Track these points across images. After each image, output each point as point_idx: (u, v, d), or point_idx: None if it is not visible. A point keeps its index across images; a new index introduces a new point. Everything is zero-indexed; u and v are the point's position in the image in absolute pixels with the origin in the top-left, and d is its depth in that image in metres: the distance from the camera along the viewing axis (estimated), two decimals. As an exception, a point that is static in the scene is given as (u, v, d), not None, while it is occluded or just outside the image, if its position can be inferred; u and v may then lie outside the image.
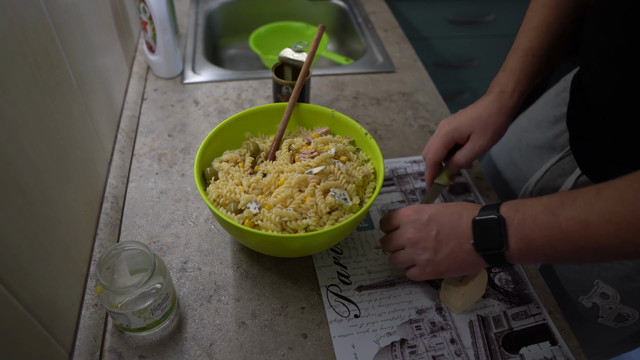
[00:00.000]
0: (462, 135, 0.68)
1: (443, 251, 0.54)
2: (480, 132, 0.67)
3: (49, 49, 0.57)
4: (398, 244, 0.58)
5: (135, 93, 0.94)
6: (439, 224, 0.54)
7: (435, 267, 0.55)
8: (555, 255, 0.47)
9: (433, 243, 0.54)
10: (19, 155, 0.47)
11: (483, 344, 0.59)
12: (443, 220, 0.54)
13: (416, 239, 0.56)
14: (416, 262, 0.57)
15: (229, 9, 1.32)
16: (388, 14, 1.29)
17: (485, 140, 0.67)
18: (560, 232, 0.45)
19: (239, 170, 0.66)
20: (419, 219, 0.56)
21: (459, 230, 0.53)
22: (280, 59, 0.79)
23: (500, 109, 0.67)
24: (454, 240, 0.53)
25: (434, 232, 0.54)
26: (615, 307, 0.68)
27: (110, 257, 0.55)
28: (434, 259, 0.55)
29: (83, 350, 0.53)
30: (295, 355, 0.57)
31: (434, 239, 0.54)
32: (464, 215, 0.53)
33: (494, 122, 0.67)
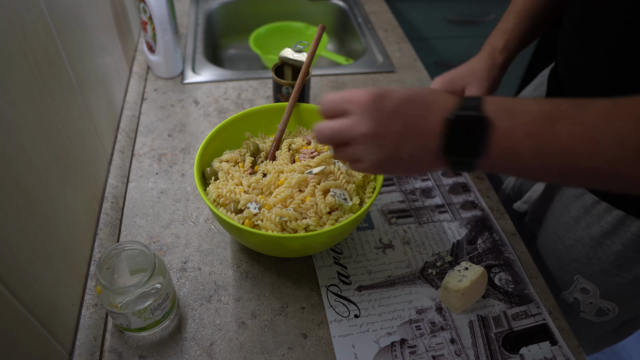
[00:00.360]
0: (456, 88, 0.67)
1: (403, 152, 0.43)
2: (475, 84, 0.66)
3: (49, 49, 0.57)
4: (345, 138, 0.44)
5: (135, 93, 0.94)
6: (404, 118, 0.42)
7: (388, 168, 0.45)
8: (535, 172, 0.41)
9: (393, 141, 0.43)
10: (19, 155, 0.47)
11: (483, 344, 0.59)
12: (411, 114, 0.42)
13: (373, 134, 0.43)
14: (365, 160, 0.45)
15: (229, 9, 1.32)
16: (388, 14, 1.29)
17: (481, 92, 0.65)
18: (554, 147, 0.38)
19: (239, 170, 0.66)
20: (381, 109, 0.43)
21: (426, 126, 0.42)
22: (280, 59, 0.79)
23: (492, 65, 0.68)
24: (419, 140, 0.42)
25: (397, 128, 0.42)
26: (596, 301, 0.69)
27: (110, 257, 0.55)
28: (390, 159, 0.44)
29: (83, 350, 0.53)
30: (295, 355, 0.57)
31: (396, 136, 0.42)
32: (435, 107, 0.42)
33: (487, 75, 0.67)
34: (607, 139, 0.36)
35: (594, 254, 0.66)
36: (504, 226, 0.74)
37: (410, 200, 0.77)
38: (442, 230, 0.73)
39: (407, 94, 0.43)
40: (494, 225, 0.74)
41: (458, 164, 0.42)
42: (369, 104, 0.43)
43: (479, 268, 0.61)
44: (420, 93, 0.43)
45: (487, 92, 0.67)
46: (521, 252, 0.70)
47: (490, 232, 0.73)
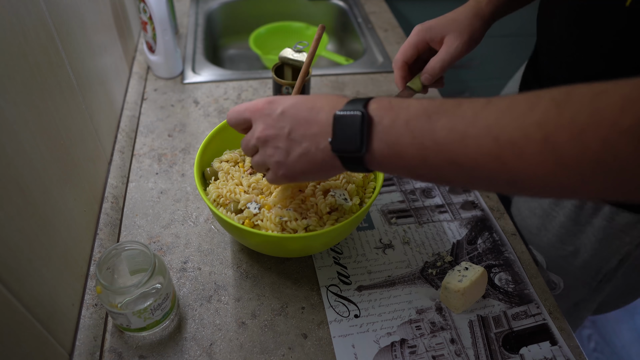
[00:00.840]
0: (435, 36, 0.64)
1: (296, 151, 0.45)
2: (455, 33, 0.63)
3: (49, 49, 0.57)
4: (250, 144, 0.49)
5: (135, 93, 0.94)
6: (293, 119, 0.45)
7: (289, 170, 0.47)
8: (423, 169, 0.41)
9: (285, 142, 0.45)
10: (19, 155, 0.47)
11: (483, 344, 0.59)
12: (299, 115, 0.45)
13: (266, 136, 0.46)
14: (268, 164, 0.48)
15: (229, 9, 1.32)
16: (388, 14, 1.29)
17: (460, 43, 0.62)
18: (434, 142, 0.38)
19: (239, 170, 0.66)
20: (271, 113, 0.46)
21: (315, 126, 0.44)
22: (280, 59, 0.79)
23: (476, 13, 0.64)
24: (310, 139, 0.44)
25: (286, 129, 0.45)
26: (543, 273, 0.70)
27: (110, 257, 0.55)
28: (286, 160, 0.46)
29: (83, 350, 0.53)
30: (295, 355, 0.57)
31: (287, 137, 0.45)
32: (324, 109, 0.44)
33: (469, 24, 0.63)
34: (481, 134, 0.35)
35: (542, 224, 0.66)
36: (504, 226, 0.74)
37: (410, 200, 0.77)
38: (442, 230, 0.73)
39: (295, 98, 0.46)
40: (494, 225, 0.74)
41: (349, 161, 0.43)
42: (262, 110, 0.47)
43: (479, 268, 0.61)
44: (312, 97, 0.46)
45: (467, 44, 0.63)
46: (521, 252, 0.70)
47: (490, 232, 0.73)
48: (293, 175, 0.48)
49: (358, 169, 0.44)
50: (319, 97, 0.46)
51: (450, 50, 0.62)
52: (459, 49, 0.62)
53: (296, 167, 0.46)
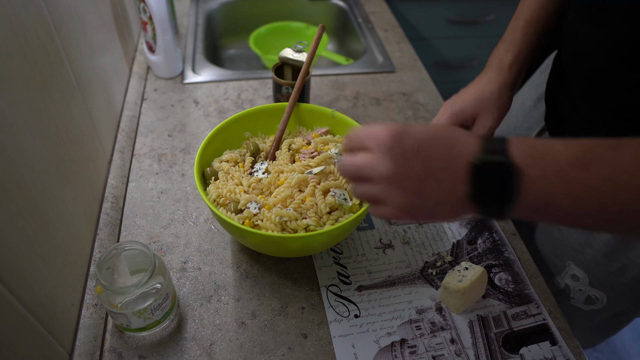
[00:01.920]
0: (468, 117, 0.65)
1: (427, 196, 0.40)
2: (486, 114, 0.64)
3: (49, 49, 0.57)
4: (365, 175, 0.42)
5: (135, 93, 0.94)
6: (426, 159, 0.40)
7: (414, 214, 0.43)
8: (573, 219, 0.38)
9: (416, 184, 0.40)
10: (19, 155, 0.47)
11: (483, 344, 0.59)
12: (433, 154, 0.40)
13: (393, 175, 0.40)
14: (387, 203, 0.42)
15: (229, 9, 1.32)
16: (388, 14, 1.29)
17: (492, 121, 0.64)
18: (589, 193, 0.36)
19: (239, 170, 0.66)
20: (401, 147, 0.40)
21: (451, 169, 0.39)
22: (280, 59, 0.79)
23: (501, 87, 0.65)
24: (445, 184, 0.40)
25: (420, 171, 0.40)
26: (585, 289, 0.69)
27: (110, 257, 0.55)
28: (414, 205, 0.41)
29: (83, 350, 0.53)
30: (295, 355, 0.57)
31: (418, 179, 0.40)
32: (460, 150, 0.40)
33: (497, 102, 0.64)
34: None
35: (585, 241, 0.66)
36: (504, 226, 0.74)
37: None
38: (442, 230, 0.73)
39: (428, 133, 0.41)
40: (494, 225, 0.74)
41: (488, 212, 0.40)
42: (388, 142, 0.40)
43: (479, 268, 0.61)
44: (442, 132, 0.41)
45: (499, 118, 0.65)
46: (521, 252, 0.70)
47: (490, 232, 0.73)
48: (417, 218, 0.44)
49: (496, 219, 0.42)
50: (450, 132, 0.41)
51: (486, 128, 0.64)
52: (492, 127, 0.64)
53: (422, 213, 0.42)
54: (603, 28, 0.54)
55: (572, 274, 0.69)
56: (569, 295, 0.72)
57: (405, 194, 0.41)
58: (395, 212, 0.42)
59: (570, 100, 0.64)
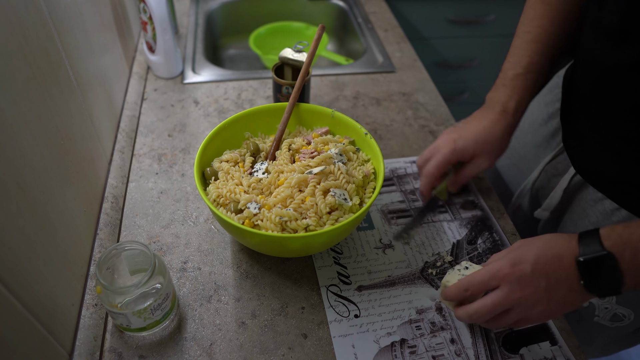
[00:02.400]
0: (467, 156, 0.70)
1: (556, 299, 0.51)
2: (485, 156, 0.69)
3: (49, 49, 0.57)
4: (504, 307, 0.52)
5: (135, 93, 0.94)
6: (544, 274, 0.50)
7: (550, 314, 0.53)
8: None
9: (544, 294, 0.50)
10: (19, 155, 0.47)
11: (483, 344, 0.59)
12: (547, 269, 0.51)
13: (527, 297, 0.51)
14: (529, 317, 0.53)
15: (229, 9, 1.32)
16: (388, 14, 1.29)
17: (489, 164, 0.70)
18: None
19: (239, 170, 0.66)
20: (523, 274, 0.51)
21: (564, 274, 0.50)
22: (280, 59, 0.79)
23: (504, 130, 0.68)
24: (564, 286, 0.50)
25: (543, 284, 0.50)
26: (611, 307, 0.69)
27: (110, 257, 0.55)
28: (548, 309, 0.51)
29: (83, 350, 0.53)
30: (295, 355, 0.57)
31: (544, 290, 0.50)
32: (564, 257, 0.50)
33: (499, 146, 0.69)
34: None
35: None
36: (504, 226, 0.74)
37: (410, 200, 0.77)
38: (442, 230, 0.73)
39: (537, 254, 0.51)
40: (494, 225, 0.74)
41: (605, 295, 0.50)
42: (513, 274, 0.51)
43: (478, 267, 0.61)
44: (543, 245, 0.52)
45: (494, 161, 0.70)
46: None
47: (490, 232, 0.73)
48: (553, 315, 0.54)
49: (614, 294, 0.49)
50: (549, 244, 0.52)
51: (480, 169, 0.71)
52: (487, 168, 0.71)
53: (557, 310, 0.52)
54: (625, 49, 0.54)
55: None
56: (592, 313, 0.71)
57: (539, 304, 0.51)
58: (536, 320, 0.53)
59: (589, 119, 0.64)
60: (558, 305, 0.51)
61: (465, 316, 0.54)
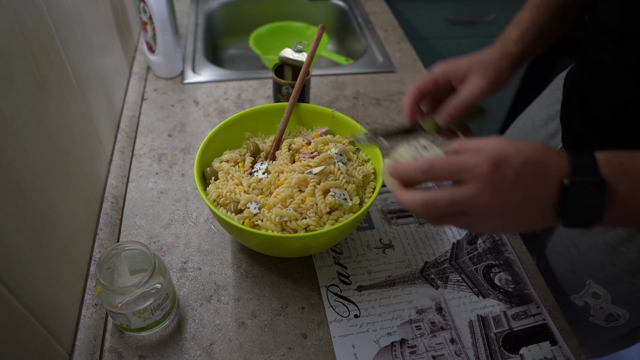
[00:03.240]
0: (458, 73, 0.58)
1: (520, 219, 0.42)
2: (480, 73, 0.57)
3: (49, 49, 0.57)
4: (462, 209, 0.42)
5: (135, 93, 0.94)
6: (524, 187, 0.40)
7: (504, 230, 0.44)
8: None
9: (514, 212, 0.41)
10: (19, 155, 0.47)
11: (483, 344, 0.59)
12: (529, 182, 0.40)
13: (496, 206, 0.40)
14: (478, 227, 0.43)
15: (229, 9, 1.32)
16: (388, 14, 1.29)
17: (485, 82, 0.56)
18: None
19: (239, 170, 0.66)
20: (502, 180, 0.40)
21: (544, 194, 0.40)
22: (280, 59, 0.79)
23: (504, 54, 0.58)
24: (537, 206, 0.41)
25: (517, 198, 0.40)
26: (606, 307, 0.68)
27: (110, 257, 0.55)
28: (505, 224, 0.42)
29: (83, 350, 0.53)
30: (295, 355, 0.57)
31: (516, 207, 0.40)
32: (551, 173, 0.40)
33: (497, 64, 0.57)
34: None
35: (608, 260, 0.65)
36: (504, 226, 0.74)
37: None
38: (442, 230, 0.73)
39: (525, 159, 0.40)
40: (494, 225, 0.74)
41: (574, 225, 0.41)
42: (490, 175, 0.40)
43: (439, 152, 0.49)
44: (538, 156, 0.41)
45: (492, 84, 0.57)
46: (521, 252, 0.70)
47: (490, 232, 0.73)
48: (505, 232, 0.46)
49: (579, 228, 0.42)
50: (544, 154, 0.41)
51: (473, 89, 0.56)
52: (483, 89, 0.56)
53: (513, 228, 0.43)
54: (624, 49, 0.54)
55: (593, 292, 0.68)
56: (587, 313, 0.71)
57: (500, 220, 0.42)
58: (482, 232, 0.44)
59: (589, 121, 0.64)
60: (518, 224, 0.43)
61: (413, 204, 0.43)
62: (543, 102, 0.82)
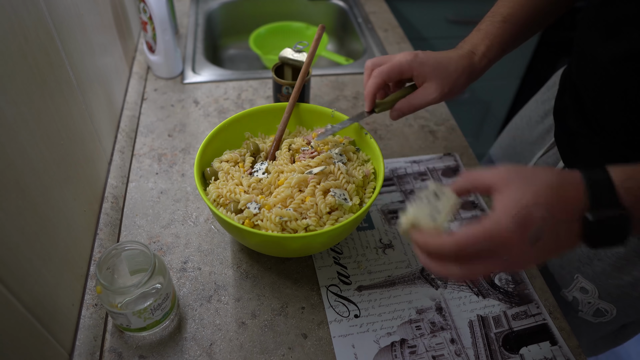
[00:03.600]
0: (420, 74, 0.62)
1: (549, 253, 0.42)
2: (437, 82, 0.61)
3: (49, 49, 0.57)
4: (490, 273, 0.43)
5: (135, 93, 0.94)
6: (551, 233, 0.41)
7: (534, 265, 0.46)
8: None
9: (542, 252, 0.41)
10: (19, 155, 0.47)
11: (483, 344, 0.59)
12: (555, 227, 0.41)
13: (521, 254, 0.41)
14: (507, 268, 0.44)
15: (229, 9, 1.32)
16: (388, 14, 1.29)
17: (438, 94, 0.62)
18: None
19: (239, 170, 0.66)
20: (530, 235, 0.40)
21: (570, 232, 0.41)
22: (280, 59, 0.79)
23: (466, 68, 0.62)
24: (565, 242, 0.42)
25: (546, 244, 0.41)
26: (594, 302, 0.69)
27: (110, 257, 0.55)
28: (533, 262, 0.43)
29: (83, 350, 0.53)
30: (295, 355, 0.57)
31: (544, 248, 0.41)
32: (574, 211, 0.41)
33: (455, 76, 0.62)
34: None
35: (595, 254, 0.66)
36: (504, 226, 0.74)
37: (411, 200, 0.77)
38: (442, 230, 0.73)
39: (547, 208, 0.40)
40: (494, 225, 0.74)
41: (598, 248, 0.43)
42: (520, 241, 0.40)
43: (451, 195, 0.46)
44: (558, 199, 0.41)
45: (443, 96, 0.62)
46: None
47: (490, 232, 0.73)
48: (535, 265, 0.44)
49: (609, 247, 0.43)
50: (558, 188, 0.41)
51: (428, 97, 0.62)
52: (436, 98, 0.62)
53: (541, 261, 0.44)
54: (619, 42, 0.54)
55: (581, 286, 0.69)
56: (577, 308, 0.71)
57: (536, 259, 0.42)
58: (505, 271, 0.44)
59: (581, 114, 0.64)
60: (548, 256, 0.43)
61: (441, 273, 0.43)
62: (540, 99, 0.83)
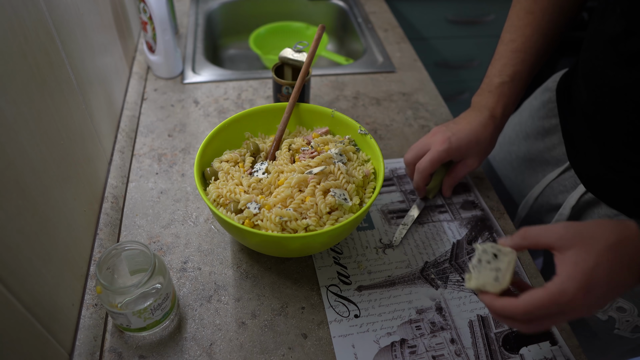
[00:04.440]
0: (460, 155, 0.71)
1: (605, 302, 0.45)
2: (475, 157, 0.72)
3: (49, 49, 0.57)
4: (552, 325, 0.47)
5: (135, 93, 0.94)
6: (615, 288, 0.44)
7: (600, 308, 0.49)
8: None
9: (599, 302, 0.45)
10: (19, 155, 0.47)
11: (483, 344, 0.59)
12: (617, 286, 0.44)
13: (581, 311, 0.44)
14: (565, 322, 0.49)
15: (229, 9, 1.32)
16: (388, 14, 1.29)
17: (477, 164, 0.73)
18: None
19: (239, 170, 0.66)
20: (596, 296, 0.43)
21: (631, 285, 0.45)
22: (280, 59, 0.79)
23: (492, 134, 0.70)
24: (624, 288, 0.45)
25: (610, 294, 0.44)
26: (633, 319, 0.68)
27: (110, 257, 0.55)
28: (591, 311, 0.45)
29: (83, 350, 0.53)
30: (295, 355, 0.57)
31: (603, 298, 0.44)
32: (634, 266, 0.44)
33: (488, 148, 0.72)
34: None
35: None
36: (504, 226, 0.74)
37: (410, 200, 0.77)
38: (442, 230, 0.73)
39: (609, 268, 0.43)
40: (494, 225, 0.74)
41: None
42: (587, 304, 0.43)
43: (509, 251, 0.48)
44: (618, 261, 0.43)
45: (481, 162, 0.73)
46: (521, 252, 0.70)
47: (490, 232, 0.73)
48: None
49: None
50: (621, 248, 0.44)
51: (469, 169, 0.73)
52: (476, 168, 0.73)
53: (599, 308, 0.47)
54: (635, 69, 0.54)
55: (618, 306, 0.68)
56: (612, 326, 0.70)
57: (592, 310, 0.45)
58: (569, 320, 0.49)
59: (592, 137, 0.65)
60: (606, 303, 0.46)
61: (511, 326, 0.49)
62: (536, 115, 0.82)
